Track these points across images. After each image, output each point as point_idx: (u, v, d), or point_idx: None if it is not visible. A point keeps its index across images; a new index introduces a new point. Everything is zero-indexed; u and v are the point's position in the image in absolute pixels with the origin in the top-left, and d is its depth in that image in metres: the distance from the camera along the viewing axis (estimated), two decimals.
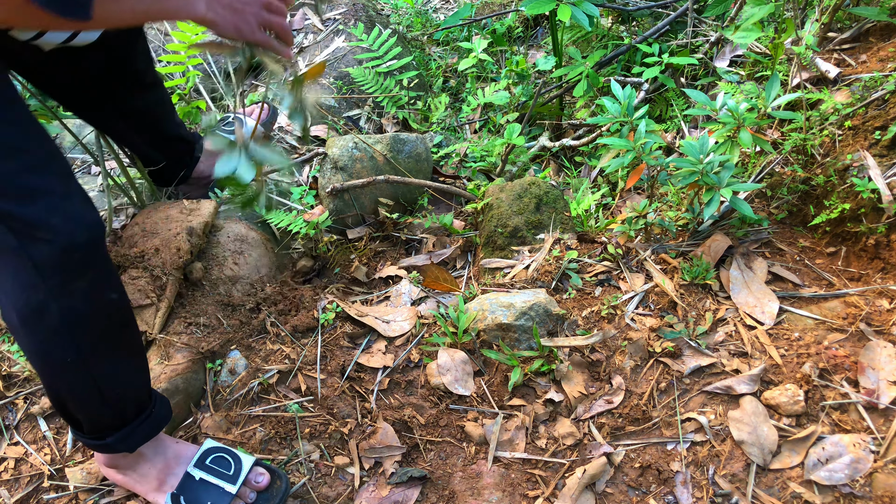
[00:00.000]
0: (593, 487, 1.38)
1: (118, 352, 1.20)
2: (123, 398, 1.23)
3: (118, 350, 1.20)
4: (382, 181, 2.01)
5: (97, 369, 1.16)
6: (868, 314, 1.50)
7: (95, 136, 1.78)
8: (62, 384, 1.17)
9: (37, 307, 1.06)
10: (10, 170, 0.99)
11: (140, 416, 1.28)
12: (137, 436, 1.28)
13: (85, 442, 1.28)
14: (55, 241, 1.02)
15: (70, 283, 1.06)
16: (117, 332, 1.19)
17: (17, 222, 1.00)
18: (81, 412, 1.21)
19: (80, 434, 1.27)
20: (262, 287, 1.77)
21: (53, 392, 1.20)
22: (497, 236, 1.83)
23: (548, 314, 1.59)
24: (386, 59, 2.37)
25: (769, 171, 1.86)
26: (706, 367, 1.48)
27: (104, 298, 1.13)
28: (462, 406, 1.55)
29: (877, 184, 1.58)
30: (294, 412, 1.55)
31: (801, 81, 2.02)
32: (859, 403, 1.35)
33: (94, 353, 1.14)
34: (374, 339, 1.68)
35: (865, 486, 1.26)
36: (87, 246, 1.06)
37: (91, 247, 1.07)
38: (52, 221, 1.01)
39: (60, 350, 1.11)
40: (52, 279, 1.04)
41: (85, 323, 1.11)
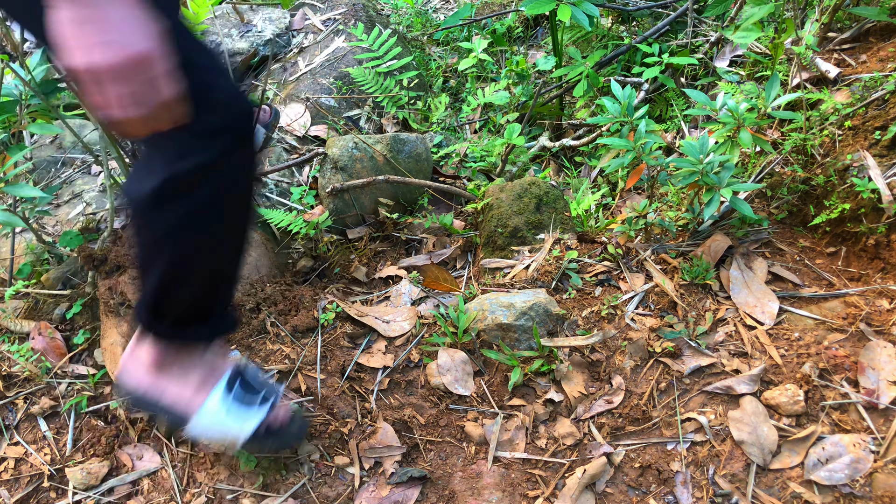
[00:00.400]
0: (593, 487, 1.38)
1: (238, 243, 1.20)
2: (223, 289, 1.25)
3: (239, 242, 1.20)
4: (382, 181, 2.01)
5: (219, 253, 1.16)
6: (868, 314, 1.50)
7: (99, 135, 1.78)
8: (179, 263, 1.13)
9: (187, 179, 1.03)
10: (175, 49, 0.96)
11: (223, 313, 1.28)
12: (218, 329, 1.28)
13: (163, 332, 1.24)
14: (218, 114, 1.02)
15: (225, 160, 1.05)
16: (244, 223, 1.19)
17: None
18: (183, 294, 1.18)
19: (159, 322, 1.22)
20: (262, 287, 1.77)
21: (167, 272, 1.14)
22: (497, 236, 1.83)
23: (548, 314, 1.59)
24: (386, 59, 2.37)
25: (769, 171, 1.86)
26: (706, 367, 1.48)
27: (247, 183, 1.13)
28: (462, 406, 1.55)
29: (877, 184, 1.58)
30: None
31: (801, 81, 2.02)
32: (859, 403, 1.35)
33: (222, 236, 1.14)
34: (375, 338, 1.68)
35: (865, 486, 1.26)
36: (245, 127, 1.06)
37: (247, 129, 1.06)
38: (216, 96, 1.01)
39: (195, 227, 1.09)
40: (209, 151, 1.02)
41: (227, 203, 1.10)
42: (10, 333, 1.76)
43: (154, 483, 1.52)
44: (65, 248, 1.90)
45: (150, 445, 1.57)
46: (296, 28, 2.88)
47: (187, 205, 1.06)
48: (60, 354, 1.72)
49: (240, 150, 1.06)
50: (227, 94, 1.03)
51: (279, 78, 2.67)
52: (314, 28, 2.86)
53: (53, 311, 1.81)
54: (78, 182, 2.28)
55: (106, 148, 1.82)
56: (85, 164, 2.36)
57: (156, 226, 1.09)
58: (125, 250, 1.72)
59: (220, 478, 1.50)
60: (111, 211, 1.83)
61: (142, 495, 1.51)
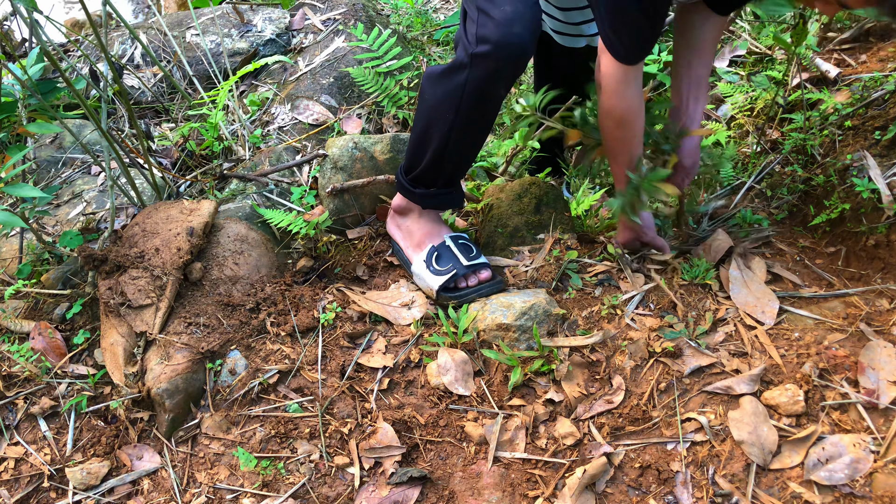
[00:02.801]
0: (593, 487, 1.38)
1: (471, 129, 1.57)
2: (446, 168, 1.64)
3: (472, 128, 1.57)
4: (382, 181, 2.01)
5: (454, 135, 1.55)
6: (868, 314, 1.50)
7: (99, 136, 1.78)
8: (429, 134, 1.58)
9: (455, 66, 1.49)
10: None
11: (444, 189, 1.69)
12: (433, 201, 1.72)
13: (405, 185, 1.71)
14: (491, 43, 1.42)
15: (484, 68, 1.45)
16: (481, 117, 1.56)
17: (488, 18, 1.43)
18: (418, 158, 1.65)
19: (408, 176, 1.70)
20: (262, 287, 1.77)
21: (421, 141, 1.61)
22: (497, 236, 1.83)
23: (547, 314, 1.59)
24: (386, 59, 2.37)
25: (769, 171, 1.86)
26: (706, 367, 1.48)
27: (496, 93, 1.50)
28: (462, 406, 1.55)
29: (877, 184, 1.58)
30: (294, 412, 1.55)
31: (801, 81, 2.02)
32: (859, 403, 1.35)
33: (459, 122, 1.53)
34: (375, 338, 1.68)
35: (865, 486, 1.26)
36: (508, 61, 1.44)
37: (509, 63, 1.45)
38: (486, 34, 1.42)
39: (445, 105, 1.52)
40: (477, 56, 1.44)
41: (473, 96, 1.48)
42: (10, 333, 1.76)
43: (154, 483, 1.52)
44: (65, 248, 1.90)
45: (150, 445, 1.57)
46: (296, 28, 2.88)
47: (443, 85, 1.51)
48: (60, 354, 1.72)
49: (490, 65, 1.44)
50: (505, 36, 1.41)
51: (279, 78, 2.68)
52: (314, 28, 2.86)
53: (53, 311, 1.81)
54: (78, 182, 2.28)
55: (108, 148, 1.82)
56: (85, 164, 2.35)
57: (433, 94, 1.55)
58: (125, 250, 1.72)
59: (219, 478, 1.50)
60: (111, 211, 1.83)
61: (142, 495, 1.51)
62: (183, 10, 3.35)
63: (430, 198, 1.71)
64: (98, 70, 2.08)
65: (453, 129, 1.55)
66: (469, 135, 1.59)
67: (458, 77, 1.49)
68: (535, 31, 1.45)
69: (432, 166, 1.63)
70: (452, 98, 1.51)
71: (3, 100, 1.65)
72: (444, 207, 1.77)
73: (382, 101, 2.36)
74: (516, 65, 1.46)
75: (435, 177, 1.66)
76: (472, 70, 1.46)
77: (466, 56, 1.46)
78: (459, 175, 1.70)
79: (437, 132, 1.57)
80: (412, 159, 1.68)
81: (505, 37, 1.41)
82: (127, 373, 1.61)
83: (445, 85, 1.52)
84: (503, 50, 1.42)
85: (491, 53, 1.42)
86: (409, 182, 1.70)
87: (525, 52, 1.45)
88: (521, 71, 1.49)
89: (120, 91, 1.89)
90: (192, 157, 2.32)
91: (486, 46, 1.42)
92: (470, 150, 1.65)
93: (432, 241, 1.75)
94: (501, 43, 1.41)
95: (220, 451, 1.54)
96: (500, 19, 1.41)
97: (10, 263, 1.93)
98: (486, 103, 1.53)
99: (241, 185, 2.13)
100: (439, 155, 1.60)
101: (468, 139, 1.60)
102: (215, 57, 2.73)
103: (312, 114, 2.41)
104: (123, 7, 3.89)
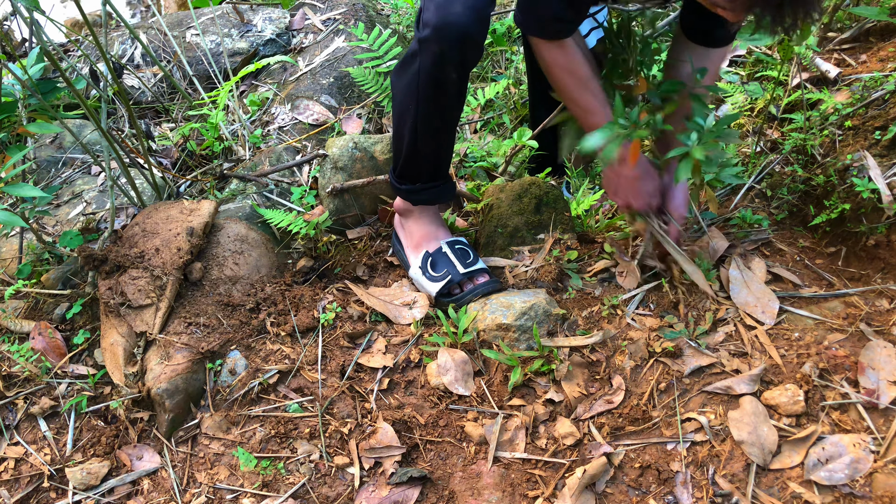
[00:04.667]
0: (593, 487, 1.38)
1: (434, 119, 1.56)
2: (425, 160, 1.64)
3: (435, 118, 1.56)
4: (382, 181, 2.01)
5: (420, 126, 1.56)
6: (868, 314, 1.50)
7: (99, 136, 1.79)
8: (400, 127, 1.59)
9: (409, 56, 1.49)
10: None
11: (429, 184, 1.69)
12: (420, 196, 1.71)
13: (394, 183, 1.73)
14: (431, 26, 1.41)
15: (430, 53, 1.43)
16: (441, 105, 1.54)
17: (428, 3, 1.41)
18: (401, 152, 1.65)
19: (395, 174, 1.72)
20: (262, 287, 1.77)
21: (396, 136, 1.64)
22: (497, 236, 1.83)
23: (547, 314, 1.59)
24: (386, 59, 2.37)
25: (769, 171, 1.86)
26: (706, 367, 1.48)
27: (447, 77, 1.48)
28: (462, 406, 1.55)
29: (877, 184, 1.58)
30: (294, 412, 1.55)
31: (801, 81, 2.02)
32: (859, 403, 1.35)
33: (421, 113, 1.53)
34: (375, 338, 1.68)
35: (865, 486, 1.26)
36: (450, 43, 1.41)
37: (452, 46, 1.42)
38: (427, 18, 1.41)
39: (407, 97, 1.53)
40: (422, 41, 1.43)
41: (427, 83, 1.48)
42: (10, 333, 1.76)
43: (154, 483, 1.52)
44: (65, 248, 1.90)
45: (150, 445, 1.57)
46: (296, 28, 2.88)
47: (403, 77, 1.52)
48: (60, 354, 1.72)
49: (434, 49, 1.42)
50: (434, 15, 1.40)
51: (279, 78, 2.68)
52: (314, 28, 2.86)
53: (53, 311, 1.81)
54: (78, 182, 2.28)
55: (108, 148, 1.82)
56: (85, 164, 2.35)
57: (398, 88, 1.56)
58: (125, 250, 1.72)
59: (219, 478, 1.50)
60: (111, 211, 1.83)
61: (142, 495, 1.51)
62: (183, 10, 3.35)
63: (416, 193, 1.71)
64: (98, 70, 2.08)
65: (417, 121, 1.55)
66: (433, 123, 1.58)
67: (412, 66, 1.48)
68: (480, 10, 1.41)
69: (411, 161, 1.65)
70: (411, 88, 1.51)
71: (3, 100, 1.65)
72: (434, 202, 1.76)
73: (382, 101, 2.36)
74: (461, 47, 1.44)
75: (416, 171, 1.67)
76: (421, 57, 1.45)
77: (416, 43, 1.45)
78: (441, 168, 1.70)
79: (407, 126, 1.58)
80: (394, 156, 1.70)
81: (443, 18, 1.39)
82: (127, 373, 1.61)
83: (404, 77, 1.52)
84: (442, 32, 1.40)
85: (433, 37, 1.41)
86: (396, 180, 1.72)
87: (466, 32, 1.41)
88: (471, 54, 1.46)
89: (120, 91, 1.89)
90: (193, 157, 2.32)
91: (427, 30, 1.41)
92: (440, 139, 1.64)
93: (429, 245, 1.75)
94: (439, 25, 1.39)
95: (220, 451, 1.54)
96: (441, 1, 1.39)
97: (10, 263, 1.93)
98: (440, 88, 1.51)
99: (241, 185, 2.13)
100: (413, 148, 1.61)
101: (433, 127, 1.59)
102: (215, 57, 2.73)
103: (312, 114, 2.41)
104: (123, 7, 3.89)
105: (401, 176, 1.70)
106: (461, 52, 1.45)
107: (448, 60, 1.46)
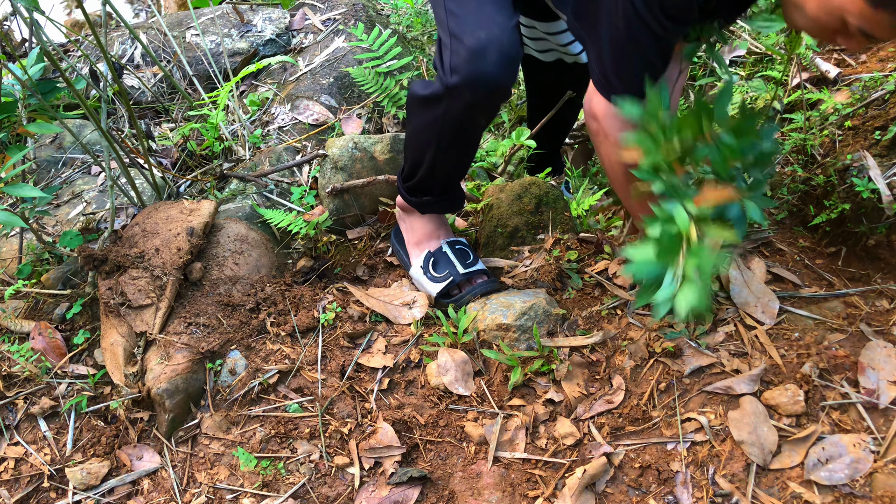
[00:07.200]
0: (593, 487, 1.38)
1: (454, 152, 1.59)
2: (439, 181, 1.67)
3: (456, 151, 1.59)
4: (382, 181, 2.01)
5: (440, 158, 1.58)
6: (868, 314, 1.50)
7: (99, 136, 1.79)
8: (418, 154, 1.61)
9: (432, 96, 1.46)
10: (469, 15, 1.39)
11: (439, 196, 1.71)
12: (430, 207, 1.74)
13: (402, 192, 1.75)
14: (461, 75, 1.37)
15: (461, 101, 1.41)
16: (465, 142, 1.58)
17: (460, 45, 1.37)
18: (416, 174, 1.66)
19: (405, 185, 1.73)
20: (262, 287, 1.77)
21: (412, 158, 1.65)
22: (497, 236, 1.83)
23: (547, 314, 1.59)
24: (386, 59, 2.37)
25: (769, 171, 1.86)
26: (706, 367, 1.48)
27: (476, 123, 1.52)
28: (462, 406, 1.55)
29: (877, 184, 1.58)
30: (294, 412, 1.55)
31: (801, 81, 2.02)
32: (859, 403, 1.35)
33: (443, 146, 1.55)
34: (375, 338, 1.68)
35: (865, 486, 1.26)
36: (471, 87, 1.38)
37: (484, 96, 1.40)
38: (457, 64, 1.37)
39: (430, 131, 1.53)
40: (451, 88, 1.39)
41: (453, 126, 1.49)
42: (10, 333, 1.76)
43: (154, 483, 1.52)
44: (65, 248, 1.90)
45: (150, 445, 1.57)
46: (296, 28, 2.88)
47: (425, 115, 1.51)
48: (60, 354, 1.72)
49: (466, 98, 1.40)
50: (466, 65, 1.37)
51: (279, 78, 2.68)
52: (314, 28, 2.86)
53: (53, 311, 1.81)
54: (78, 182, 2.28)
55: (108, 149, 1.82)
56: (85, 164, 2.35)
57: (418, 119, 1.55)
58: (125, 250, 1.72)
59: (219, 478, 1.50)
60: (111, 211, 1.83)
61: (142, 495, 1.51)
62: (183, 10, 3.35)
63: (427, 205, 1.73)
64: (98, 70, 2.08)
65: (438, 155, 1.57)
66: (454, 157, 1.61)
67: (436, 108, 1.45)
68: (512, 58, 1.37)
69: (426, 180, 1.66)
70: (433, 128, 1.51)
71: (3, 100, 1.65)
72: (443, 212, 1.79)
73: (382, 101, 2.36)
74: (494, 97, 1.41)
75: (430, 187, 1.69)
76: (448, 101, 1.42)
77: (442, 87, 1.41)
78: (455, 183, 1.72)
79: (426, 154, 1.58)
80: (407, 171, 1.70)
81: (476, 69, 1.34)
82: (127, 373, 1.61)
83: (426, 115, 1.50)
84: (475, 84, 1.36)
85: (464, 87, 1.37)
86: (406, 190, 1.73)
87: (499, 84, 1.37)
88: (501, 100, 1.43)
89: (120, 91, 1.89)
90: (193, 157, 2.32)
91: (457, 78, 1.37)
92: (460, 166, 1.66)
93: (430, 244, 1.77)
94: (472, 77, 1.35)
95: (220, 451, 1.54)
96: (473, 47, 1.34)
97: (10, 263, 1.93)
98: (467, 131, 1.52)
99: (241, 185, 2.13)
100: (429, 172, 1.63)
101: (455, 159, 1.62)
102: (215, 57, 2.73)
103: (312, 114, 2.41)
104: (123, 7, 3.89)
105: (413, 188, 1.71)
106: (494, 100, 1.43)
107: (479, 110, 1.45)
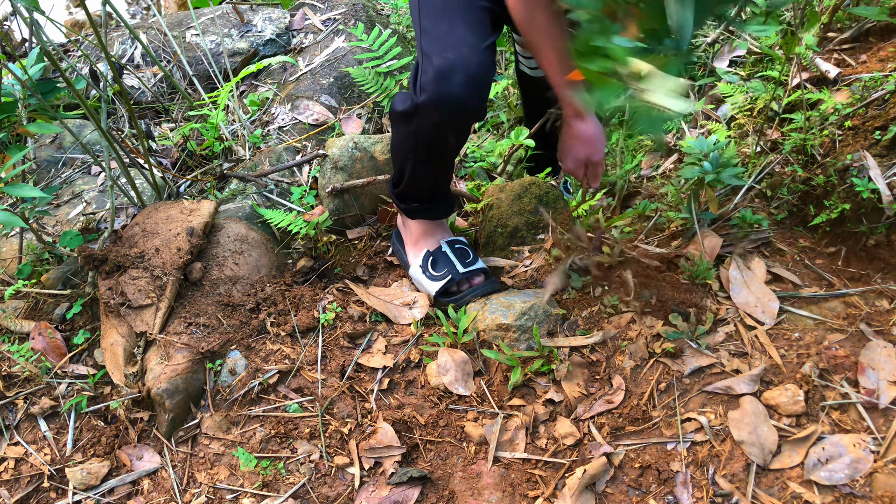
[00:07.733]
0: (593, 487, 1.38)
1: (430, 166, 1.61)
2: (422, 190, 1.69)
3: (431, 165, 1.61)
4: (382, 181, 2.01)
5: (418, 170, 1.61)
6: (868, 314, 1.49)
7: (99, 136, 1.78)
8: (400, 164, 1.64)
9: (406, 112, 1.46)
10: (441, 35, 1.40)
11: (427, 204, 1.72)
12: (418, 213, 1.75)
13: (392, 197, 1.77)
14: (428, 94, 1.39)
15: (428, 120, 1.43)
16: (438, 157, 1.59)
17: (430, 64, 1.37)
18: (401, 184, 1.68)
19: (394, 191, 1.75)
20: (262, 287, 1.77)
21: (396, 167, 1.68)
22: (497, 236, 1.83)
23: (547, 314, 1.59)
24: (386, 59, 2.37)
25: (769, 171, 1.86)
26: (706, 367, 1.48)
27: (446, 141, 1.51)
28: (462, 406, 1.55)
29: (877, 184, 1.58)
30: (294, 412, 1.55)
31: (801, 81, 2.02)
32: (859, 403, 1.35)
33: (418, 160, 1.57)
34: (375, 338, 1.68)
35: (865, 486, 1.26)
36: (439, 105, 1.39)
37: (441, 106, 1.39)
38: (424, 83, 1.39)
39: (406, 145, 1.56)
40: (419, 107, 1.41)
41: (425, 143, 1.51)
42: (10, 333, 1.76)
43: (154, 483, 1.52)
44: (65, 248, 1.90)
45: (150, 445, 1.57)
46: (296, 28, 2.88)
47: (402, 129, 1.52)
48: (60, 354, 1.72)
49: (433, 118, 1.41)
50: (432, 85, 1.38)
51: (279, 78, 2.67)
52: (314, 28, 2.86)
53: (53, 311, 1.81)
54: (78, 182, 2.28)
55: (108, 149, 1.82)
56: (85, 164, 2.35)
57: (397, 133, 1.58)
58: (125, 250, 1.72)
59: (219, 478, 1.50)
60: (111, 211, 1.83)
61: (142, 495, 1.51)
62: (183, 10, 3.35)
63: (414, 211, 1.74)
64: (98, 70, 2.08)
65: (416, 167, 1.60)
66: (431, 170, 1.63)
67: (409, 125, 1.47)
68: (479, 79, 1.37)
69: (410, 187, 1.68)
70: (408, 142, 1.53)
71: (3, 100, 1.65)
72: (431, 218, 1.77)
73: (382, 101, 2.36)
74: (461, 117, 1.42)
75: (416, 195, 1.70)
76: (418, 120, 1.43)
77: (412, 105, 1.42)
78: (438, 192, 1.72)
79: (406, 165, 1.61)
80: (395, 178, 1.72)
81: (441, 90, 1.35)
82: (127, 373, 1.61)
83: (402, 129, 1.53)
84: (440, 104, 1.37)
85: (431, 105, 1.38)
86: (396, 196, 1.75)
87: (465, 105, 1.38)
88: (471, 120, 1.44)
89: (120, 91, 1.89)
90: (193, 157, 2.32)
91: (425, 97, 1.37)
92: (440, 178, 1.68)
93: (428, 244, 1.77)
94: (437, 97, 1.36)
95: (220, 451, 1.54)
96: (440, 67, 1.34)
97: (10, 263, 1.93)
98: (438, 149, 1.54)
99: (241, 185, 2.13)
100: (412, 182, 1.65)
101: (432, 172, 1.64)
102: (215, 57, 2.73)
103: (312, 114, 2.41)
104: (123, 7, 3.89)
105: (400, 195, 1.73)
106: (461, 120, 1.44)
107: (447, 129, 1.45)
